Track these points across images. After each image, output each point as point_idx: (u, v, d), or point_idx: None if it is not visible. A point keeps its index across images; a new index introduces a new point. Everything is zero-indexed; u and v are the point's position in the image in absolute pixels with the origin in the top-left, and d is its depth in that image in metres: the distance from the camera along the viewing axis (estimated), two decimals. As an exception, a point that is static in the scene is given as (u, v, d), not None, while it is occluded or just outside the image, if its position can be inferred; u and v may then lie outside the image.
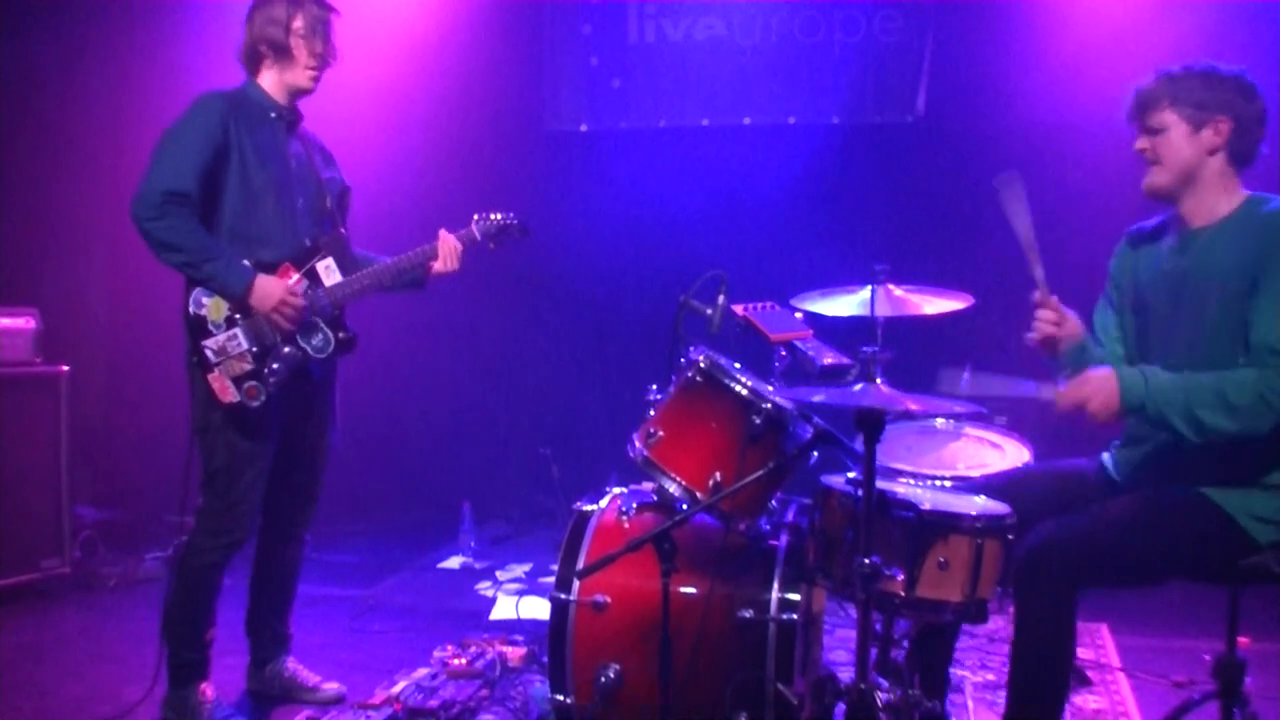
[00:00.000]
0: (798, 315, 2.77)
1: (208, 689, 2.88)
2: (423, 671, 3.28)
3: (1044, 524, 2.27)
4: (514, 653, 3.37)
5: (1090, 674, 3.28)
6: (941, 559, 2.18)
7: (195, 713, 2.83)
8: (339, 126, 5.32)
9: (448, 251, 3.00)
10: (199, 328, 2.73)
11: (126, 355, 5.19)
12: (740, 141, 5.39)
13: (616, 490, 2.91)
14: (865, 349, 2.27)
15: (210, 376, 2.72)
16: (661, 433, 2.51)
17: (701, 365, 2.50)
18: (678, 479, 2.46)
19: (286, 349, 2.77)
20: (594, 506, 2.79)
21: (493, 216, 3.12)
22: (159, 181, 2.66)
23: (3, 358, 3.95)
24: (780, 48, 5.33)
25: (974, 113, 4.97)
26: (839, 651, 3.49)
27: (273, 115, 2.87)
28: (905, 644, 2.62)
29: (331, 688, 3.13)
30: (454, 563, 4.72)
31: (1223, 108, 2.33)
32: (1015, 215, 2.37)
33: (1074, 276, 2.67)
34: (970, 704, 2.99)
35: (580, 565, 2.60)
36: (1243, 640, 2.48)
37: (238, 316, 2.75)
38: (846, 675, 2.88)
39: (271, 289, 2.73)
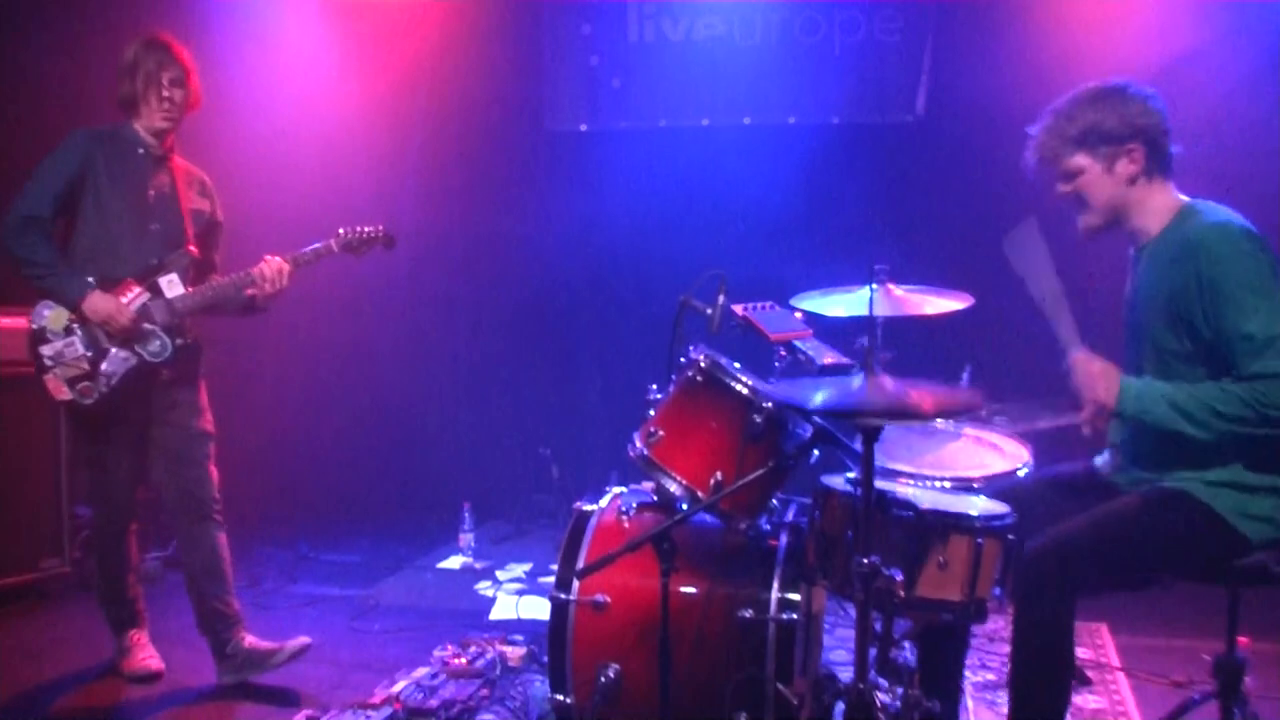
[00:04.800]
0: (798, 315, 2.77)
1: (137, 635, 3.38)
2: (423, 671, 3.29)
3: (1042, 531, 2.26)
4: (514, 652, 3.37)
5: (1090, 674, 3.28)
6: (941, 559, 2.18)
7: (128, 654, 3.35)
8: (341, 127, 5.35)
9: (270, 274, 3.17)
10: (39, 337, 3.08)
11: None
12: (740, 141, 5.38)
13: (616, 490, 2.91)
14: (861, 341, 2.26)
15: (46, 378, 3.08)
16: (662, 432, 2.52)
17: (702, 365, 2.50)
18: (678, 478, 2.46)
19: (122, 354, 3.08)
20: (594, 506, 2.79)
21: (359, 229, 3.31)
22: (21, 208, 3.06)
23: (3, 358, 3.94)
24: (780, 48, 5.32)
25: (974, 113, 4.95)
26: (839, 651, 3.49)
27: (140, 151, 3.18)
28: (906, 645, 2.62)
29: (294, 642, 3.23)
30: (454, 563, 4.72)
31: (1130, 134, 2.26)
32: (1036, 270, 2.30)
33: (1070, 279, 2.66)
34: (970, 704, 2.99)
35: (580, 565, 2.60)
36: (1243, 640, 2.47)
37: (76, 326, 3.07)
38: (846, 675, 2.89)
39: (101, 305, 3.05)
